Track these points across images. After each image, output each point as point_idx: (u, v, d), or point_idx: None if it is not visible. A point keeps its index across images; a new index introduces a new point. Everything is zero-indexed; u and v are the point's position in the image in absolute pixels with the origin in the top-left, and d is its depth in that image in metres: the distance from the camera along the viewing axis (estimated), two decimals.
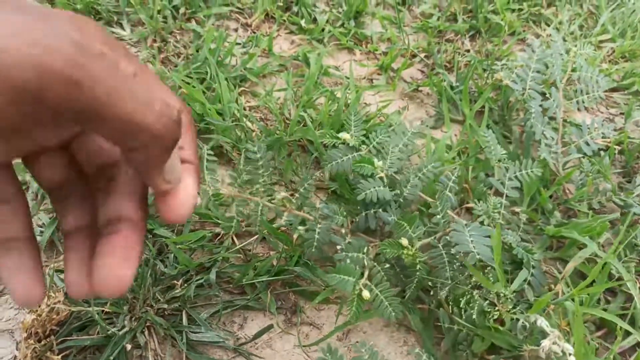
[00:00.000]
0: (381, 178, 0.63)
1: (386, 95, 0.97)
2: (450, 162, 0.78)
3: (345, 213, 0.65)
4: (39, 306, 0.57)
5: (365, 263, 0.58)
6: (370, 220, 0.64)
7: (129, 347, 0.57)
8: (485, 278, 0.52)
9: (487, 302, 0.54)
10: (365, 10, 1.14)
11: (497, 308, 0.52)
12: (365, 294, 0.52)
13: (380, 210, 0.64)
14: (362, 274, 0.56)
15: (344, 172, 0.70)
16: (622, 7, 1.24)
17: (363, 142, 0.66)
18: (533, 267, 0.64)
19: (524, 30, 1.17)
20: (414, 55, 1.07)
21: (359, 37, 1.10)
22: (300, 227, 0.64)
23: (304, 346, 0.61)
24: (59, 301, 0.57)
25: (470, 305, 0.53)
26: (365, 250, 0.59)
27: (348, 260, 0.56)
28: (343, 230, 0.64)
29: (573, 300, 0.56)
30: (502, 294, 0.52)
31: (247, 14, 1.10)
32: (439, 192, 0.64)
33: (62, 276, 0.63)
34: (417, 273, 0.59)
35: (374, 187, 0.61)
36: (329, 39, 1.07)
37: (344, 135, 0.64)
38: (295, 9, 1.11)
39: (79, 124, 0.19)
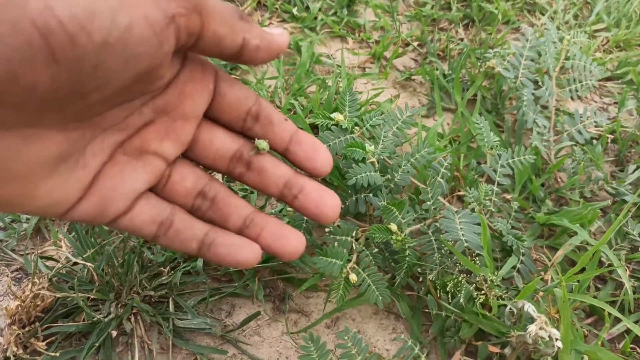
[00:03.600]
0: (372, 163, 0.62)
1: (378, 84, 0.96)
2: (441, 150, 0.78)
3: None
4: (23, 292, 0.56)
5: (354, 247, 0.57)
6: (361, 204, 0.64)
7: (114, 333, 0.57)
8: (471, 262, 0.52)
9: (474, 286, 0.54)
10: None
11: (483, 292, 0.51)
12: (353, 277, 0.51)
13: (371, 195, 0.63)
14: (350, 259, 0.56)
15: (335, 159, 0.69)
16: None
17: (356, 124, 0.65)
18: (523, 255, 0.63)
19: (518, 20, 1.17)
20: (407, 44, 1.06)
21: (351, 26, 1.09)
22: (289, 209, 0.64)
23: (292, 333, 0.60)
24: (43, 287, 0.56)
25: (458, 289, 0.53)
26: (354, 233, 0.58)
27: (336, 244, 0.56)
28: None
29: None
30: (489, 279, 0.52)
31: (239, 2, 1.08)
32: (430, 178, 0.63)
33: (47, 262, 0.62)
34: (407, 259, 0.59)
35: (365, 172, 0.60)
36: (322, 27, 1.06)
37: (337, 115, 0.63)
38: None
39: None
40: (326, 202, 0.29)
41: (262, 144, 0.28)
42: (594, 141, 0.86)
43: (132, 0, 0.20)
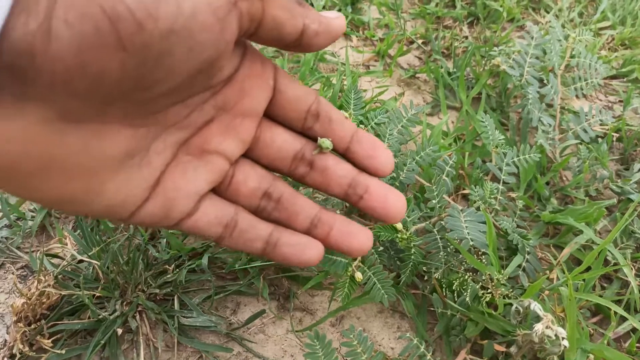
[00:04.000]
0: None
1: (383, 82, 0.96)
2: (446, 148, 0.78)
3: None
4: (29, 289, 0.56)
5: None
6: None
7: (120, 331, 0.57)
8: (477, 260, 0.51)
9: (480, 285, 0.54)
10: None
11: (489, 290, 0.51)
12: (358, 275, 0.51)
13: None
14: (355, 257, 0.56)
15: None
16: None
17: (361, 122, 0.65)
18: (528, 253, 0.63)
19: (523, 17, 1.16)
20: (412, 42, 1.06)
21: (355, 23, 1.09)
22: None
23: (296, 331, 0.60)
24: (49, 285, 0.56)
25: (464, 287, 0.53)
26: None
27: None
28: (338, 212, 0.63)
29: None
30: (495, 277, 0.52)
31: None
32: (435, 176, 0.63)
33: (52, 260, 0.62)
34: (412, 257, 0.58)
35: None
36: None
37: (342, 113, 0.63)
38: None
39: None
40: (393, 201, 0.28)
41: (326, 142, 0.28)
42: (599, 139, 0.85)
43: None
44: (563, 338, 0.46)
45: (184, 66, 0.21)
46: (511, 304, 0.54)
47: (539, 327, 0.46)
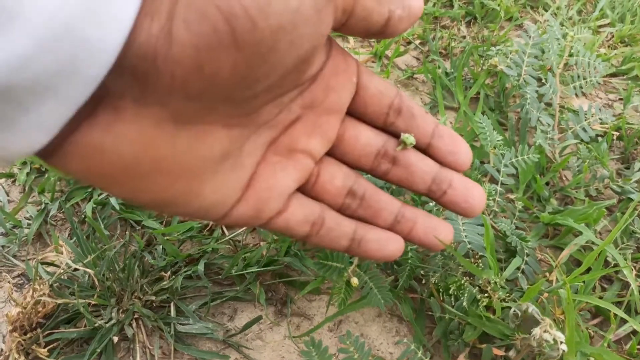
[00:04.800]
0: None
1: None
2: None
3: None
4: (24, 298, 0.56)
5: None
6: None
7: (116, 339, 0.56)
8: (473, 265, 0.51)
9: (478, 289, 0.53)
10: None
11: (486, 294, 0.51)
12: (354, 280, 0.51)
13: None
14: (352, 262, 0.55)
15: None
16: None
17: None
18: (527, 255, 0.62)
19: (521, 16, 1.16)
20: (409, 42, 1.06)
21: None
22: None
23: (294, 337, 0.60)
24: (44, 293, 0.56)
25: (461, 292, 0.52)
26: None
27: None
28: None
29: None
30: (492, 281, 0.51)
31: None
32: None
33: (48, 268, 0.62)
34: (409, 261, 0.58)
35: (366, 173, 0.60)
36: None
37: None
38: None
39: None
40: (475, 195, 0.28)
41: (410, 138, 0.27)
42: (599, 138, 0.85)
43: None
44: (561, 342, 0.45)
45: (284, 61, 0.20)
46: (509, 307, 0.53)
47: (537, 331, 0.46)
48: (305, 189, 0.27)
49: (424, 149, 0.29)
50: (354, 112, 0.28)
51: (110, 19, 0.15)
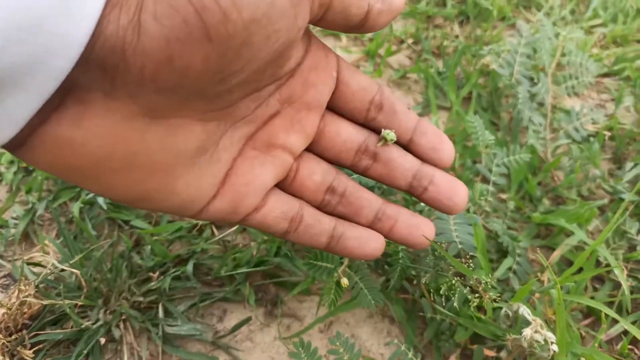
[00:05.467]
0: None
1: None
2: None
3: None
4: (9, 299, 0.55)
5: None
6: None
7: (103, 340, 0.56)
8: (463, 265, 0.50)
9: (469, 289, 0.53)
10: None
11: (478, 295, 0.50)
12: (344, 281, 0.50)
13: None
14: (342, 262, 0.55)
15: None
16: None
17: None
18: (519, 255, 0.62)
19: (514, 16, 1.15)
20: (402, 42, 1.05)
21: None
22: None
23: (284, 338, 0.59)
24: (30, 294, 0.55)
25: (452, 292, 0.52)
26: None
27: None
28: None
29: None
30: (483, 281, 0.51)
31: None
32: None
33: (34, 269, 0.61)
34: (400, 262, 0.57)
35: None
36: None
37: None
38: None
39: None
40: (458, 192, 0.28)
41: (391, 134, 0.27)
42: (591, 139, 0.84)
43: None
44: (552, 342, 0.45)
45: (260, 55, 0.20)
46: (501, 308, 0.53)
47: (527, 332, 0.45)
48: (283, 185, 0.27)
49: (406, 145, 0.28)
50: (335, 108, 0.27)
51: (77, 10, 0.15)
